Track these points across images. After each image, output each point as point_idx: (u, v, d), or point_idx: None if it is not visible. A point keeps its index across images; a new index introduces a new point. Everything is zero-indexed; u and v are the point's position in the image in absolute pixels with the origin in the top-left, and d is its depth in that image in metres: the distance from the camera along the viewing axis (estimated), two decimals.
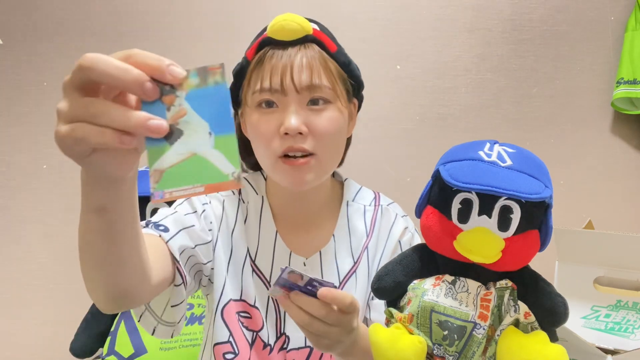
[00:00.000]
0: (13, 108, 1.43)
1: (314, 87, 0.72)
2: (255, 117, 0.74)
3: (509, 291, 0.54)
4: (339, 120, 0.75)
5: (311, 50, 0.74)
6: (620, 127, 1.50)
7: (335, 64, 0.76)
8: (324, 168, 0.76)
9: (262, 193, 0.85)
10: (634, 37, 1.43)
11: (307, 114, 0.73)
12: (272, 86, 0.72)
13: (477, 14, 1.48)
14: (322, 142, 0.73)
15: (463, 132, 1.47)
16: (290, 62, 0.72)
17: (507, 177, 0.51)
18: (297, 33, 0.73)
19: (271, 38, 0.74)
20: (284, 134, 0.71)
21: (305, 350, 0.81)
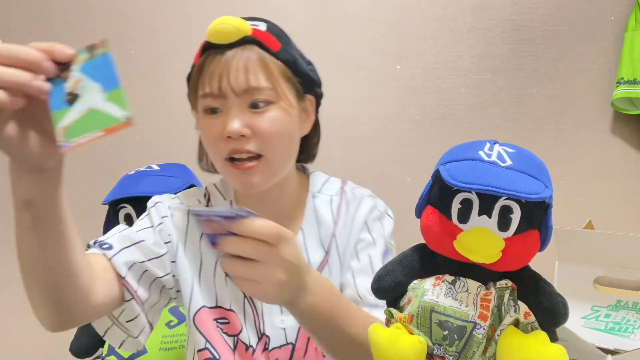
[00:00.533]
0: None
1: (251, 89, 0.72)
2: (203, 122, 0.76)
3: (509, 291, 0.54)
4: (283, 119, 0.75)
5: (249, 51, 0.74)
6: (620, 127, 1.50)
7: (278, 62, 0.75)
8: (273, 169, 0.76)
9: (231, 197, 0.86)
10: (634, 37, 1.44)
11: (249, 117, 0.73)
12: (212, 91, 0.73)
13: (477, 14, 1.48)
14: (267, 143, 0.74)
15: (463, 132, 1.48)
16: (227, 65, 0.72)
17: (507, 177, 0.51)
18: (234, 35, 0.73)
19: (210, 42, 0.74)
20: (227, 137, 0.72)
21: (288, 347, 0.81)
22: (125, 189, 1.04)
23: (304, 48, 0.83)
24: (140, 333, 0.76)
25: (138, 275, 0.75)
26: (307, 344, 0.81)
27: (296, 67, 0.78)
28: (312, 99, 0.83)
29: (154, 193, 1.01)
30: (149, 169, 1.09)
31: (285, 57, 0.76)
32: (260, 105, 0.73)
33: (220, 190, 0.87)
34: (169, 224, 0.81)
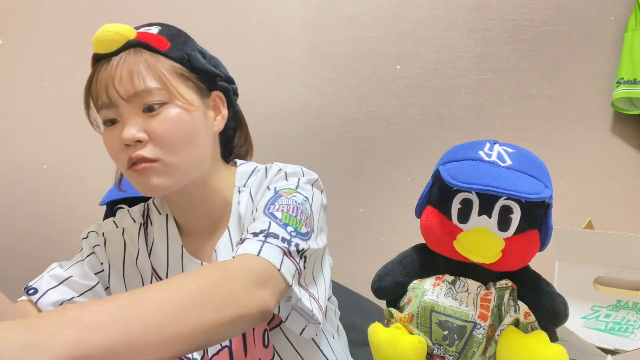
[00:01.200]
0: (13, 108, 1.43)
1: (140, 92, 0.70)
2: (104, 135, 0.75)
3: (509, 291, 0.54)
4: (179, 118, 0.72)
5: (134, 55, 0.71)
6: (620, 127, 1.50)
7: (168, 61, 0.73)
8: (173, 170, 0.72)
9: (167, 211, 0.83)
10: (634, 37, 1.44)
11: (144, 121, 0.71)
12: (103, 101, 0.71)
13: (477, 14, 1.48)
14: (163, 145, 0.71)
15: (463, 132, 1.48)
16: (111, 74, 0.70)
17: (507, 177, 0.51)
18: (116, 42, 0.71)
19: (97, 53, 0.72)
20: (124, 145, 0.71)
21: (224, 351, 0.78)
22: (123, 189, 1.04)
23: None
24: None
25: None
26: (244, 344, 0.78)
27: (191, 63, 0.76)
28: (220, 94, 0.81)
29: None
30: None
31: (176, 55, 0.74)
32: (155, 108, 0.71)
33: (156, 205, 0.85)
34: (101, 253, 0.81)
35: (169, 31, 0.77)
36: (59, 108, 1.43)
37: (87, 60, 1.13)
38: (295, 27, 1.42)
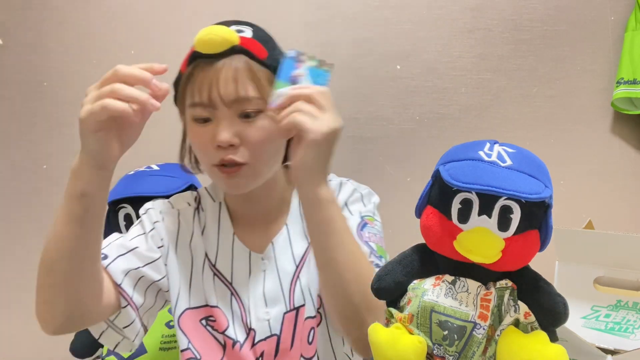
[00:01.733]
0: (13, 108, 1.43)
1: (240, 100, 0.74)
2: (193, 130, 0.78)
3: (509, 291, 0.54)
4: (271, 128, 0.76)
5: (237, 61, 0.75)
6: (620, 127, 1.50)
7: (266, 71, 0.77)
8: (258, 173, 0.79)
9: (220, 199, 0.89)
10: (634, 37, 1.44)
11: (239, 126, 0.75)
12: (202, 101, 0.75)
13: (477, 14, 1.48)
14: (254, 151, 0.76)
15: (463, 132, 1.48)
16: (216, 76, 0.74)
17: (507, 177, 0.51)
18: (222, 46, 0.74)
19: (199, 52, 0.75)
20: (217, 146, 0.75)
21: (273, 338, 0.82)
22: (125, 189, 1.04)
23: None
24: (135, 337, 0.81)
25: (134, 281, 0.79)
26: (292, 335, 0.82)
27: None
28: None
29: (153, 193, 1.01)
30: (148, 169, 1.09)
31: (272, 65, 0.77)
32: (251, 115, 0.75)
33: (210, 193, 0.90)
34: (161, 229, 0.85)
35: (260, 35, 0.81)
36: (59, 108, 1.43)
37: (87, 61, 1.14)
38: (296, 27, 1.42)
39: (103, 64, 1.43)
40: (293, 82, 0.71)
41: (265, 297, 0.83)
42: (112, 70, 0.65)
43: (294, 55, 0.72)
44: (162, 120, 1.45)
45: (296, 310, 0.83)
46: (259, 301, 0.83)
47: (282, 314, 0.83)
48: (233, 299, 0.84)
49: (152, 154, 1.42)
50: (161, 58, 1.56)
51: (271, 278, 0.84)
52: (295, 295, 0.83)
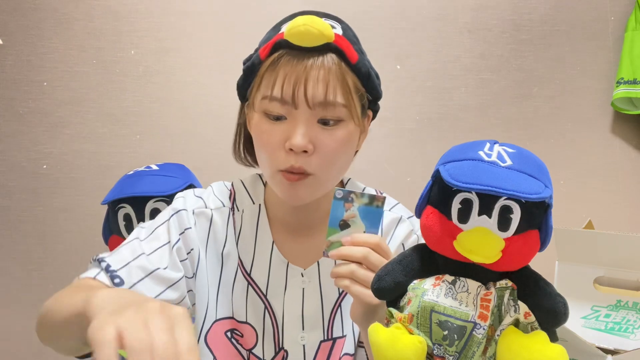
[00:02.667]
0: (13, 108, 1.43)
1: (327, 103, 0.68)
2: (262, 125, 0.70)
3: (509, 291, 0.54)
4: (348, 140, 0.71)
5: (329, 61, 0.68)
6: (620, 127, 1.50)
7: (354, 77, 0.71)
8: (322, 186, 0.73)
9: (260, 201, 0.81)
10: (634, 37, 1.44)
11: (316, 131, 0.69)
12: (284, 97, 0.67)
13: (477, 14, 1.48)
14: (325, 162, 0.70)
15: (463, 132, 1.48)
16: (305, 73, 0.67)
17: (507, 177, 0.51)
18: (317, 40, 0.67)
19: (288, 41, 0.68)
20: (288, 149, 0.68)
21: None
22: (124, 189, 1.04)
23: None
24: None
25: None
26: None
27: (369, 82, 0.74)
28: (371, 114, 0.80)
29: (153, 193, 1.01)
30: (148, 169, 1.09)
31: (362, 71, 0.72)
32: (330, 123, 0.69)
33: (249, 192, 0.82)
34: (191, 236, 0.75)
35: (351, 35, 0.74)
36: (59, 108, 1.43)
37: (87, 61, 1.14)
38: None
39: (103, 64, 1.43)
40: (344, 227, 0.67)
41: (303, 319, 0.77)
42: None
43: (342, 196, 0.67)
44: (163, 120, 1.45)
45: (333, 341, 0.78)
46: (296, 322, 0.77)
47: (319, 342, 0.78)
48: (266, 313, 0.77)
49: (152, 154, 1.42)
50: (161, 58, 1.56)
51: (312, 299, 0.78)
52: (334, 324, 0.78)
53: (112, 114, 1.43)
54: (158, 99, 1.44)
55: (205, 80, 1.44)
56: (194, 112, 1.44)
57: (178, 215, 0.76)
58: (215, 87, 1.44)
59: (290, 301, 0.78)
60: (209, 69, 1.43)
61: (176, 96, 1.44)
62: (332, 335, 0.78)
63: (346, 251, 0.63)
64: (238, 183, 0.83)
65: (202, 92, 1.44)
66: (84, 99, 1.43)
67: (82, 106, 1.43)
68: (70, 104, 1.43)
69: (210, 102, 1.43)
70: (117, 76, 1.43)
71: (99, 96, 1.43)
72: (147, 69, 1.43)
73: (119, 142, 1.44)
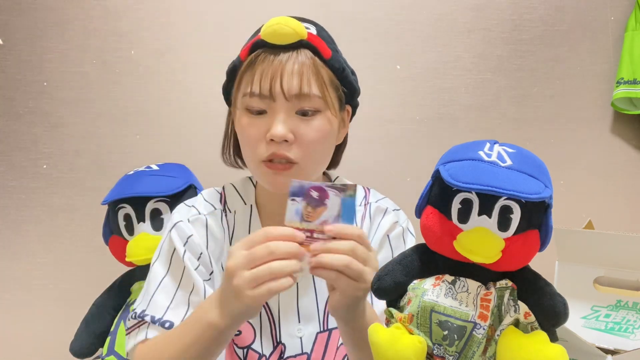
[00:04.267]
0: (13, 108, 1.43)
1: (303, 95, 0.71)
2: (244, 120, 0.74)
3: (509, 291, 0.54)
4: (326, 129, 0.74)
5: (303, 56, 0.72)
6: (620, 127, 1.50)
7: (329, 71, 0.75)
8: (306, 173, 0.75)
9: (251, 202, 0.84)
10: (634, 37, 1.44)
11: (295, 122, 0.72)
12: (262, 91, 0.71)
13: (477, 14, 1.48)
14: (306, 151, 0.73)
15: (463, 132, 1.47)
16: (280, 67, 0.71)
17: (507, 177, 0.51)
18: (290, 37, 0.72)
19: (264, 41, 0.73)
20: (269, 140, 0.72)
21: (303, 357, 0.80)
22: (124, 189, 1.04)
23: None
24: None
25: None
26: (322, 356, 0.81)
27: (343, 76, 0.77)
28: (350, 109, 0.84)
29: (153, 193, 1.01)
30: (148, 169, 1.09)
31: (335, 66, 0.75)
32: (308, 113, 0.73)
33: (240, 193, 0.85)
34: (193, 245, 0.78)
35: (324, 34, 0.78)
36: (59, 108, 1.43)
37: (87, 61, 1.14)
38: None
39: (103, 64, 1.43)
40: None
41: (299, 312, 0.80)
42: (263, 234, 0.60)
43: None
44: (163, 120, 1.45)
45: (329, 332, 0.81)
46: (292, 316, 0.80)
47: (315, 334, 0.80)
48: (262, 311, 0.80)
49: (151, 154, 1.42)
50: (161, 58, 1.56)
51: (307, 294, 0.81)
52: (329, 315, 0.81)
53: (112, 114, 1.43)
54: (158, 99, 1.44)
55: (205, 80, 1.43)
56: (194, 112, 1.44)
57: (177, 228, 0.79)
58: (215, 87, 1.42)
59: (285, 296, 0.80)
60: (209, 69, 1.43)
61: (176, 96, 1.44)
62: (327, 326, 0.81)
63: (332, 245, 0.61)
64: (229, 186, 0.86)
65: (202, 92, 1.44)
66: (84, 99, 1.43)
67: (82, 106, 1.43)
68: (70, 104, 1.43)
69: (210, 102, 1.43)
70: (117, 76, 1.43)
71: (99, 96, 1.43)
72: (147, 69, 1.43)
73: (119, 142, 1.43)
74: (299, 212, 0.62)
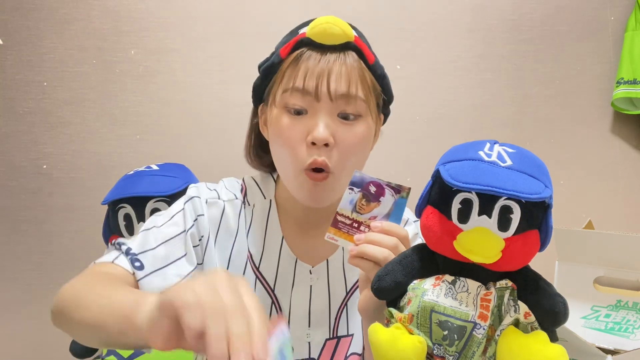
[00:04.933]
0: (13, 108, 1.43)
1: (349, 97, 0.69)
2: (282, 120, 0.71)
3: (509, 291, 0.54)
4: (366, 136, 0.72)
5: (350, 58, 0.70)
6: (620, 127, 1.50)
7: (372, 76, 0.73)
8: (340, 185, 0.73)
9: (271, 197, 0.81)
10: (634, 37, 1.44)
11: (336, 125, 0.70)
12: (306, 88, 0.69)
13: (477, 14, 1.48)
14: (343, 158, 0.70)
15: (463, 132, 1.48)
16: (328, 67, 0.69)
17: (507, 177, 0.51)
18: (339, 38, 0.70)
19: (310, 39, 0.70)
20: (310, 143, 0.69)
21: None
22: (124, 189, 1.04)
23: None
24: None
25: None
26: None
27: (384, 83, 0.76)
28: (382, 117, 0.83)
29: (153, 193, 1.01)
30: (148, 169, 1.09)
31: (378, 72, 0.74)
32: (350, 117, 0.71)
33: (260, 187, 0.82)
34: (202, 223, 0.76)
35: (365, 39, 0.76)
36: (59, 108, 1.43)
37: (87, 61, 1.13)
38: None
39: (103, 64, 1.43)
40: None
41: (310, 317, 0.78)
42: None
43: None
44: (163, 120, 1.45)
45: (338, 339, 0.79)
46: (302, 319, 0.78)
47: (324, 340, 0.78)
48: (273, 308, 0.77)
49: (152, 154, 1.42)
50: (161, 58, 1.56)
51: (319, 297, 0.79)
52: (340, 323, 0.79)
53: (112, 114, 1.43)
54: (158, 99, 1.44)
55: (205, 80, 1.44)
56: (194, 112, 1.44)
57: (192, 202, 0.76)
58: (215, 87, 1.44)
59: (297, 298, 0.78)
60: (209, 69, 1.43)
61: (176, 96, 1.44)
62: (337, 333, 0.79)
63: (377, 237, 0.61)
64: (249, 179, 0.84)
65: (202, 92, 1.44)
66: (84, 99, 1.43)
67: (82, 106, 1.43)
68: (70, 104, 1.43)
69: (210, 102, 1.43)
70: (117, 76, 1.43)
71: (99, 96, 1.43)
72: (147, 69, 1.43)
73: (119, 142, 1.43)
74: (353, 202, 0.64)
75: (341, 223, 0.65)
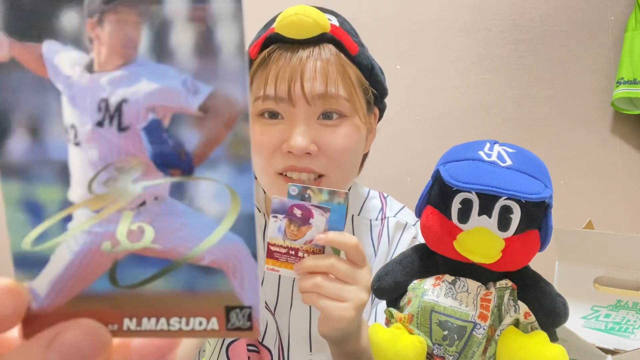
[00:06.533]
0: None
1: (328, 97, 0.61)
2: (256, 128, 0.63)
3: (509, 291, 0.54)
4: (355, 137, 0.64)
5: (327, 52, 0.61)
6: (620, 127, 1.50)
7: (356, 69, 0.64)
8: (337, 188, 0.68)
9: (263, 211, 0.74)
10: (634, 37, 1.44)
11: (317, 130, 0.62)
12: (278, 94, 0.61)
13: (477, 14, 1.48)
14: (334, 162, 0.63)
15: (463, 132, 1.48)
16: (300, 66, 0.60)
17: (507, 177, 0.51)
18: (312, 30, 0.60)
19: (279, 34, 0.62)
20: (286, 152, 0.61)
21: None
22: None
23: None
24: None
25: None
26: None
27: (372, 76, 0.67)
28: (377, 112, 0.75)
29: None
30: None
31: (363, 64, 0.65)
32: (333, 117, 0.62)
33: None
34: None
35: (349, 28, 0.68)
36: None
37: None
38: None
39: None
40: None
41: (311, 340, 0.72)
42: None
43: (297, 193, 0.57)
44: None
45: None
46: (303, 343, 0.72)
47: None
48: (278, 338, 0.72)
49: None
50: None
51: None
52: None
53: None
54: None
55: None
56: None
57: None
58: None
59: (297, 321, 0.73)
60: None
61: None
62: None
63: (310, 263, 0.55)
64: None
65: None
66: None
67: None
68: None
69: None
70: None
71: None
72: None
73: None
74: (281, 229, 0.57)
75: (277, 253, 0.59)
